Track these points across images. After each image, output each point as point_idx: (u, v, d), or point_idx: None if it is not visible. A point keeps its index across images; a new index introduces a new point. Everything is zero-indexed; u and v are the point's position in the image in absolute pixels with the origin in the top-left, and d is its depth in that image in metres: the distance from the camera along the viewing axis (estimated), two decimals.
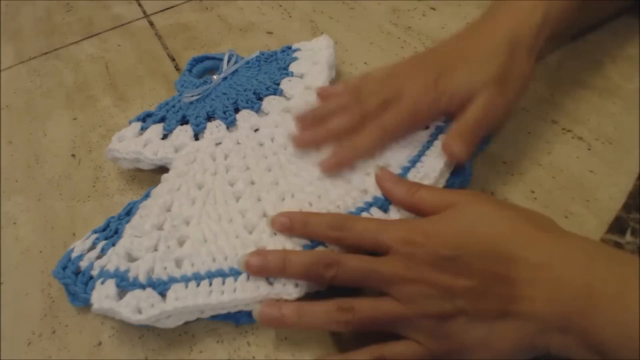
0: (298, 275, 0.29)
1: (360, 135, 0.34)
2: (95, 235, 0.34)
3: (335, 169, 0.34)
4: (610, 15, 0.45)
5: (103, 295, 0.30)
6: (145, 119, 0.42)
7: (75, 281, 0.32)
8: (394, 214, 0.31)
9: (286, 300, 0.29)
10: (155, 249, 0.32)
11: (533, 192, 0.35)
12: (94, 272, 0.32)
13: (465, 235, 0.27)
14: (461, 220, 0.28)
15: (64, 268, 0.33)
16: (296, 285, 0.29)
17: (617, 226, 0.32)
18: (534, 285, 0.25)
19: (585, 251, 0.25)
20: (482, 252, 0.26)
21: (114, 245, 0.33)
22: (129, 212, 0.36)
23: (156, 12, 0.61)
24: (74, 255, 0.33)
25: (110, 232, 0.35)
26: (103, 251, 0.33)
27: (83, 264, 0.33)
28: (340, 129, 0.35)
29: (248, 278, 0.30)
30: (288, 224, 0.30)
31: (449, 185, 0.34)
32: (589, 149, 0.37)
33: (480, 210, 0.28)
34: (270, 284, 0.30)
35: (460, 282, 0.26)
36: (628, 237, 0.32)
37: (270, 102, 0.41)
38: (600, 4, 0.42)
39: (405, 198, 0.31)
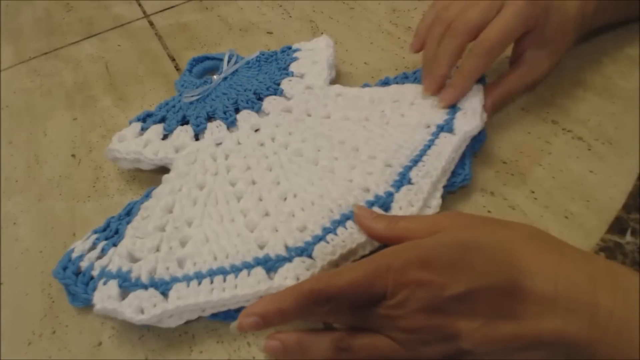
0: None
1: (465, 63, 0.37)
2: (95, 236, 0.34)
3: (455, 99, 0.37)
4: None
5: (105, 296, 0.30)
6: (146, 119, 0.42)
7: (76, 281, 0.32)
8: (396, 212, 0.31)
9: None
10: (158, 250, 0.32)
11: (533, 192, 0.35)
12: (95, 273, 0.32)
13: (466, 269, 0.24)
14: (456, 250, 0.25)
15: (65, 268, 0.33)
16: (297, 279, 0.29)
17: (617, 226, 0.32)
18: (539, 318, 0.23)
19: (589, 275, 0.24)
20: (485, 287, 0.24)
21: (114, 245, 0.33)
22: (129, 213, 0.36)
23: (156, 12, 0.61)
24: (74, 255, 0.33)
25: (111, 233, 0.35)
26: (103, 251, 0.33)
27: (83, 265, 0.33)
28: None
29: (249, 274, 0.30)
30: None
31: (449, 184, 0.34)
32: (589, 149, 0.37)
33: (474, 236, 0.26)
34: (271, 278, 0.30)
35: (463, 324, 0.24)
36: (628, 237, 0.32)
37: (270, 102, 0.41)
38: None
39: (387, 232, 0.29)
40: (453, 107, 0.37)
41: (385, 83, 0.42)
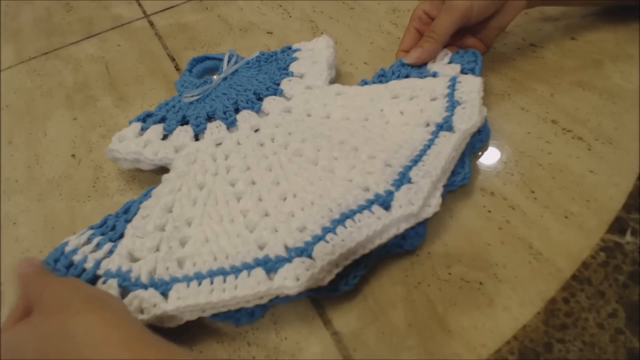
0: None
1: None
2: (91, 231, 0.34)
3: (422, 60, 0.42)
4: None
5: None
6: (146, 119, 0.42)
7: (67, 274, 0.32)
8: (396, 211, 0.31)
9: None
10: (157, 250, 0.32)
11: (533, 192, 0.35)
12: (87, 265, 0.32)
13: None
14: None
15: (56, 261, 0.32)
16: (297, 279, 0.29)
17: (617, 226, 0.32)
18: None
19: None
20: None
21: (110, 241, 0.33)
22: (126, 211, 0.36)
23: (156, 12, 0.61)
24: (67, 249, 0.33)
25: (107, 229, 0.34)
26: (98, 246, 0.33)
27: (76, 258, 0.32)
28: None
29: (249, 275, 0.30)
30: None
31: (449, 183, 0.34)
32: (589, 149, 0.37)
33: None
34: (271, 279, 0.29)
35: None
36: (628, 237, 0.32)
37: (270, 103, 0.41)
38: None
39: None
40: (452, 102, 0.37)
41: (382, 75, 0.42)
